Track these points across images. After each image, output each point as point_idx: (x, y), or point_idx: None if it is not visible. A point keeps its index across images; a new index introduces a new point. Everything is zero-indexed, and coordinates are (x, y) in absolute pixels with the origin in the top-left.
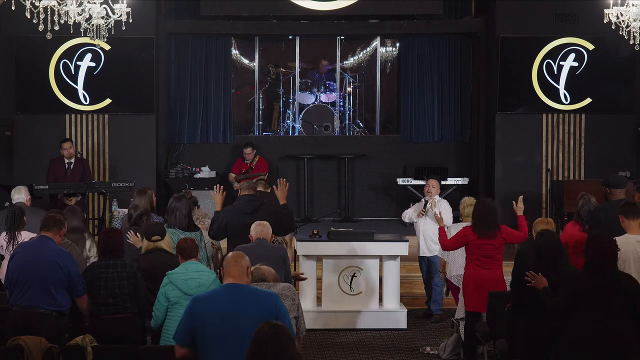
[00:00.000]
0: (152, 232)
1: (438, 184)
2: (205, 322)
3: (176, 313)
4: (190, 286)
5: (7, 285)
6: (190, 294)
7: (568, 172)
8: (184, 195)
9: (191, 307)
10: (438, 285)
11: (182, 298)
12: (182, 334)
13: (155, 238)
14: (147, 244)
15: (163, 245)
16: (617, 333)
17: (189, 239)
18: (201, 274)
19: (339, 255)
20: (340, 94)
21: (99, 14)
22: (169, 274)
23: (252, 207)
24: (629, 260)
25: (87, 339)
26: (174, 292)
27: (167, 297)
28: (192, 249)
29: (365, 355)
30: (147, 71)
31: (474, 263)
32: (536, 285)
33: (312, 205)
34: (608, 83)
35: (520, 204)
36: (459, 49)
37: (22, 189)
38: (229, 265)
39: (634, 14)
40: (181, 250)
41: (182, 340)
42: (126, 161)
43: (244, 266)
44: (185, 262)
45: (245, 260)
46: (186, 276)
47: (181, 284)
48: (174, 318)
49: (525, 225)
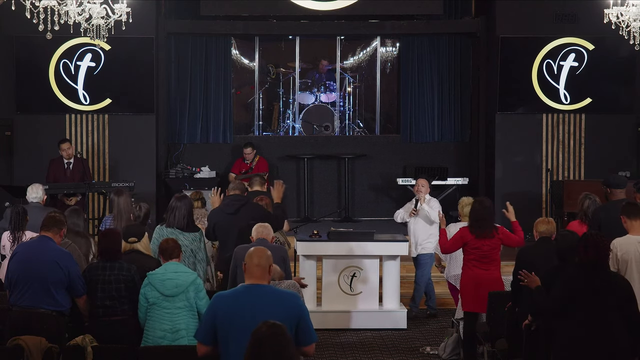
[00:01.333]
0: (129, 233)
1: (427, 183)
2: (227, 321)
3: (154, 314)
4: (167, 287)
5: (7, 285)
6: (167, 295)
7: (568, 172)
8: (185, 195)
9: (213, 305)
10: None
11: (160, 299)
12: (203, 332)
13: (132, 239)
14: (123, 245)
15: (139, 247)
16: (609, 333)
17: (170, 239)
18: (179, 274)
19: (339, 255)
20: (340, 94)
21: (99, 14)
22: (149, 274)
23: (235, 207)
24: (631, 261)
25: (87, 339)
26: (152, 293)
27: (147, 298)
28: (173, 250)
29: (365, 355)
30: (147, 71)
31: (471, 264)
32: (529, 285)
33: (312, 205)
34: (608, 83)
35: (511, 209)
36: (459, 49)
37: (39, 188)
38: (251, 265)
39: (634, 14)
40: (162, 251)
41: (204, 339)
42: (126, 161)
43: (266, 266)
44: (166, 262)
45: (267, 258)
46: (164, 277)
47: (159, 285)
48: (152, 319)
49: (520, 230)
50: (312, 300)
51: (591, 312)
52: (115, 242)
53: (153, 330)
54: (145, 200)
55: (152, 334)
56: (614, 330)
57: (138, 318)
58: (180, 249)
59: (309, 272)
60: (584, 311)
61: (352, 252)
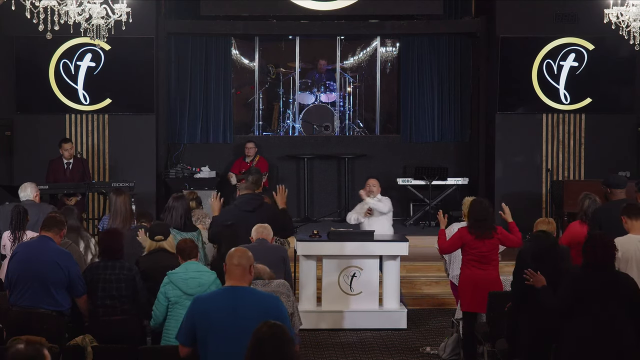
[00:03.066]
0: (156, 232)
1: (378, 182)
2: (206, 322)
3: (176, 313)
4: (191, 286)
5: (7, 285)
6: (190, 294)
7: (568, 172)
8: (182, 195)
9: (192, 307)
10: None
11: (182, 298)
12: (184, 333)
13: (158, 238)
14: (150, 243)
15: (166, 245)
16: (616, 332)
17: (188, 239)
18: (201, 274)
19: (339, 255)
20: (340, 94)
21: (99, 14)
22: (169, 273)
23: (253, 205)
24: (631, 261)
25: (87, 339)
26: (174, 292)
27: (167, 297)
28: (192, 249)
29: (365, 355)
30: (147, 71)
31: (470, 264)
32: (535, 284)
33: (312, 205)
34: (608, 83)
35: (507, 210)
36: (459, 49)
37: (27, 186)
38: (231, 266)
39: (634, 14)
40: (180, 251)
41: (185, 340)
42: (126, 161)
43: (246, 266)
44: (186, 262)
45: (247, 258)
46: (186, 276)
47: (181, 284)
48: (175, 318)
49: (517, 231)
50: (312, 300)
51: (598, 311)
52: (117, 242)
53: (175, 329)
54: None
55: (173, 332)
56: (621, 329)
57: (152, 317)
58: (198, 249)
59: (309, 272)
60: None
61: (352, 252)
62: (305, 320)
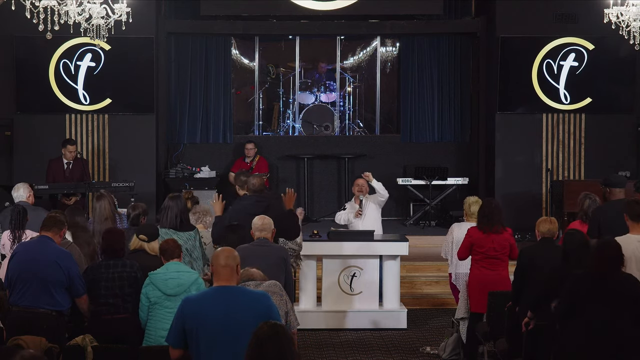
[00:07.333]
0: (141, 231)
1: (367, 182)
2: (196, 323)
3: (156, 313)
4: (170, 286)
5: (7, 285)
6: (169, 294)
7: (568, 172)
8: (178, 195)
9: (182, 308)
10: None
11: (162, 298)
12: (174, 335)
13: (142, 237)
14: (134, 241)
15: (146, 247)
16: (619, 333)
17: (170, 239)
18: (181, 274)
19: (339, 255)
20: (340, 94)
21: (99, 14)
22: (151, 274)
23: (261, 208)
24: (630, 260)
25: (87, 339)
26: (154, 292)
27: (148, 297)
28: (174, 250)
29: (365, 355)
30: (147, 71)
31: (479, 264)
32: None
33: (312, 205)
34: (608, 83)
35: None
36: (459, 49)
37: (21, 187)
38: (218, 266)
39: (634, 13)
40: (163, 251)
41: (175, 342)
42: (126, 161)
43: (233, 266)
44: (167, 262)
45: (234, 258)
46: (166, 276)
47: (161, 284)
48: (154, 318)
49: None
50: (312, 300)
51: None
52: (118, 241)
53: (155, 330)
54: (145, 200)
55: (154, 333)
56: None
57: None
58: (181, 249)
59: (309, 272)
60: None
61: (352, 252)
62: (305, 320)
